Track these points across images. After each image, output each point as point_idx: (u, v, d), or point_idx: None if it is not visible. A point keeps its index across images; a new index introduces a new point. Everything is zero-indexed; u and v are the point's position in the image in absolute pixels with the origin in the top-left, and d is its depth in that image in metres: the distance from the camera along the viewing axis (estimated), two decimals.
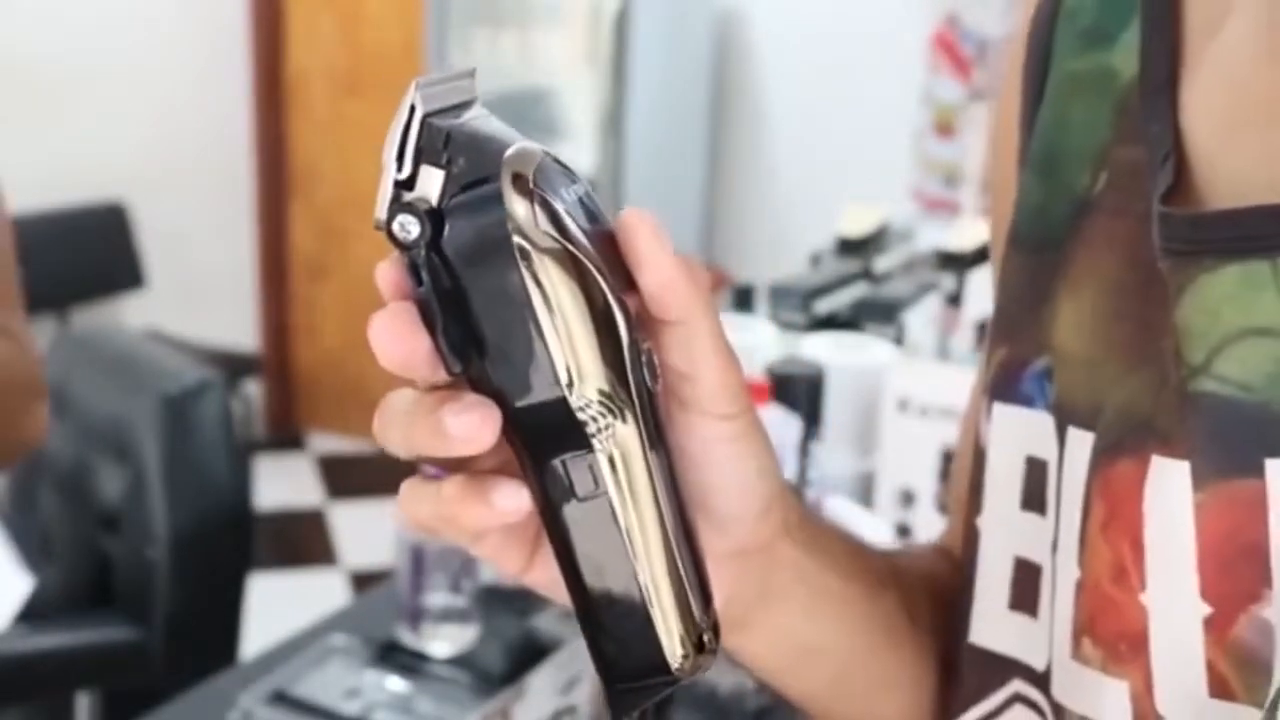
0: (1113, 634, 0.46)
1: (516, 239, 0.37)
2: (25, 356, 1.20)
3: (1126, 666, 0.45)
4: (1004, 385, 0.53)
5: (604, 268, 0.38)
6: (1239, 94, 0.46)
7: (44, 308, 3.66)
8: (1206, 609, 0.42)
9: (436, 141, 0.38)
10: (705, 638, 0.42)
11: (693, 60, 3.56)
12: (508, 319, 0.37)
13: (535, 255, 0.37)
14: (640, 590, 0.41)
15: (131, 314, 4.03)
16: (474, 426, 0.38)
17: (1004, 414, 0.53)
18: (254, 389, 4.29)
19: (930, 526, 1.36)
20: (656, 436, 0.40)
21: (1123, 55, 0.51)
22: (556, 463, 0.39)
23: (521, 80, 3.62)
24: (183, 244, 4.10)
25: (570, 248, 0.37)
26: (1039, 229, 0.53)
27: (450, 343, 0.38)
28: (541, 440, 0.39)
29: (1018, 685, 0.52)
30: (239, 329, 4.25)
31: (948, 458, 1.35)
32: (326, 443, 4.34)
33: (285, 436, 4.38)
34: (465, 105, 0.40)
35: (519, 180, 0.37)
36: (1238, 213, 0.43)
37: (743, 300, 1.67)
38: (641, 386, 0.39)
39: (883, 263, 1.81)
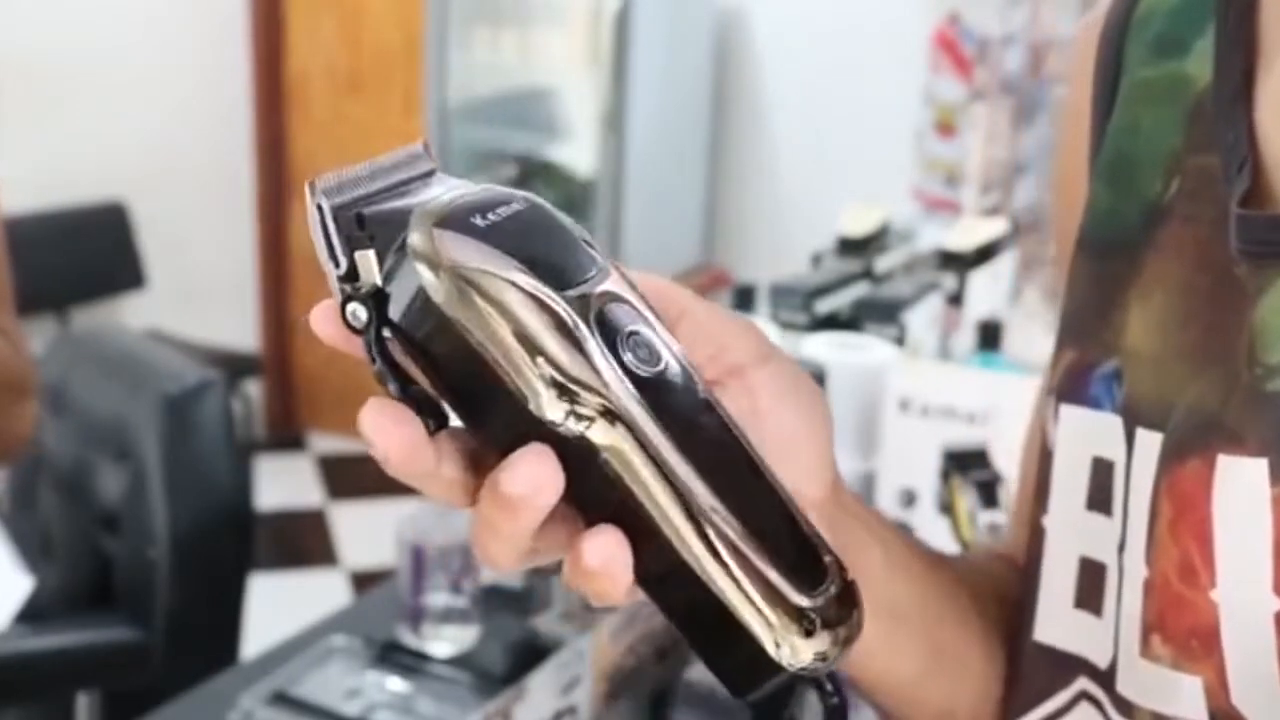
0: (1184, 631, 0.46)
1: (427, 282, 0.37)
2: (16, 355, 1.21)
3: (1199, 663, 0.46)
4: (1071, 387, 0.54)
5: (535, 271, 0.37)
6: None
7: (44, 308, 3.66)
8: (1278, 604, 0.43)
9: (353, 227, 0.39)
10: (812, 621, 0.38)
11: (693, 60, 3.56)
12: (462, 362, 0.37)
13: (451, 292, 0.37)
14: (702, 581, 0.38)
15: (131, 314, 4.03)
16: (532, 482, 0.37)
17: (1071, 415, 0.53)
18: (254, 389, 4.29)
19: (931, 526, 1.35)
20: (672, 415, 0.38)
21: (1196, 63, 0.51)
22: (581, 483, 0.38)
23: (521, 80, 3.61)
24: (183, 244, 4.10)
25: (489, 270, 0.37)
26: (1109, 234, 0.54)
27: (428, 404, 0.39)
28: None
29: (1083, 683, 0.53)
30: (239, 329, 4.25)
31: (949, 458, 1.35)
32: (327, 443, 4.34)
33: (286, 436, 4.37)
34: (425, 177, 0.41)
35: (423, 229, 0.38)
36: None
37: (743, 300, 1.67)
38: (619, 371, 0.38)
39: (884, 262, 1.81)
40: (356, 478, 4.07)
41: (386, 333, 0.39)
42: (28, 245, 1.46)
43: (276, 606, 2.44)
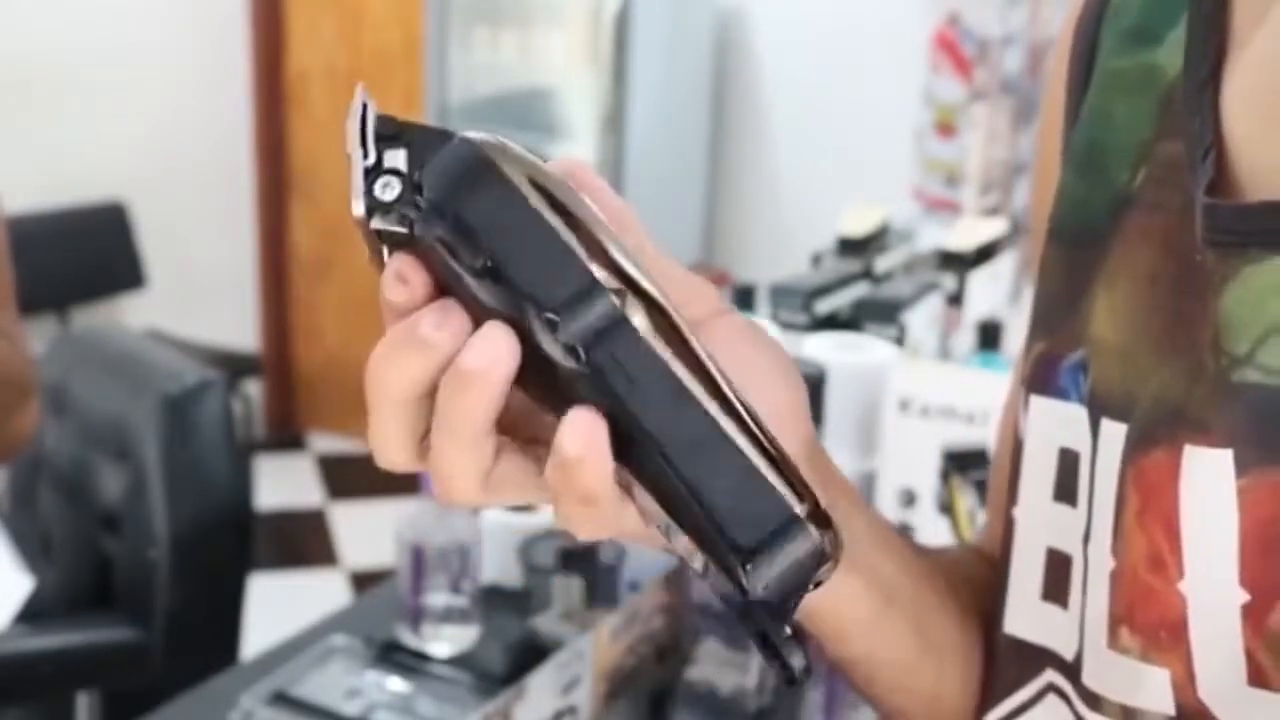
0: (1152, 623, 0.46)
1: (504, 162, 0.39)
2: (18, 354, 1.22)
3: (1167, 655, 0.46)
4: (1041, 378, 0.54)
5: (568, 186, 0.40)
6: (1279, 86, 0.46)
7: (44, 308, 3.66)
8: (1245, 596, 0.43)
9: (391, 128, 0.41)
10: (817, 501, 0.39)
11: (693, 60, 3.56)
12: (512, 231, 0.39)
13: (522, 172, 0.39)
14: (731, 443, 0.39)
15: (131, 314, 4.03)
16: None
17: (1040, 406, 0.53)
18: (254, 389, 4.29)
19: (931, 526, 1.36)
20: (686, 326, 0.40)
21: (1168, 54, 0.51)
22: (604, 356, 0.38)
23: (521, 80, 3.61)
24: (183, 244, 4.10)
25: (540, 162, 0.40)
26: (1079, 223, 0.54)
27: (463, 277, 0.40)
28: (583, 338, 0.39)
29: (1050, 675, 0.53)
30: (239, 329, 4.25)
31: (949, 458, 1.35)
32: (327, 443, 4.34)
33: (285, 436, 4.37)
34: None
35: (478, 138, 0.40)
36: None
37: (743, 300, 1.67)
38: (640, 274, 0.40)
39: (884, 263, 1.81)
40: (356, 478, 4.07)
41: (411, 213, 0.40)
42: (28, 245, 1.46)
43: (276, 606, 2.44)
